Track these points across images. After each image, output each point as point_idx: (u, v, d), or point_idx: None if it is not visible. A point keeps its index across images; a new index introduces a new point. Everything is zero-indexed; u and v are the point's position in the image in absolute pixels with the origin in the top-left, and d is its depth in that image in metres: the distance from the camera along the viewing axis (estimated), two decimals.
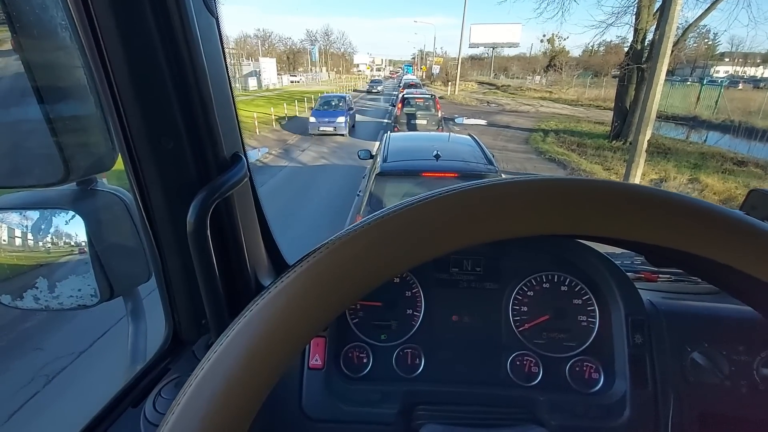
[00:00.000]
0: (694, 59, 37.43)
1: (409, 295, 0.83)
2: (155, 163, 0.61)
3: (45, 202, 0.73)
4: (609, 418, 0.72)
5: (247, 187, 0.78)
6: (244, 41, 71.60)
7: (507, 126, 17.53)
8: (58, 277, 0.74)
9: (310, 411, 0.74)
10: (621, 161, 10.74)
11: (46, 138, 0.58)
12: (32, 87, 0.55)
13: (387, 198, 3.66)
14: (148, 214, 0.66)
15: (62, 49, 0.57)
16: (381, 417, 0.73)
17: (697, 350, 0.74)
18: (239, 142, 0.74)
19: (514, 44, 62.69)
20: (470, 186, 0.32)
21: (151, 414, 0.61)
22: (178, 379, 0.66)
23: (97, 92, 0.56)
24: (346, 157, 10.84)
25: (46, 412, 2.82)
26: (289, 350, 0.29)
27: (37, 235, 0.73)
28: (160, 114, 0.58)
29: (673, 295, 0.93)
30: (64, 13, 0.51)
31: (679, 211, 0.31)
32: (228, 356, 0.28)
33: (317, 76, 70.43)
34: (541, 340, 0.80)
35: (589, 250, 0.80)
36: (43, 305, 0.73)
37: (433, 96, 13.04)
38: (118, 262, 0.73)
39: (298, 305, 0.29)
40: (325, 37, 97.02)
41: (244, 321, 0.29)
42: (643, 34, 12.88)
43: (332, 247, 0.31)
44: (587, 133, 15.60)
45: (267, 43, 78.01)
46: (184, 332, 0.77)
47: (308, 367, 0.76)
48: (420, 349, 0.81)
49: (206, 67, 0.58)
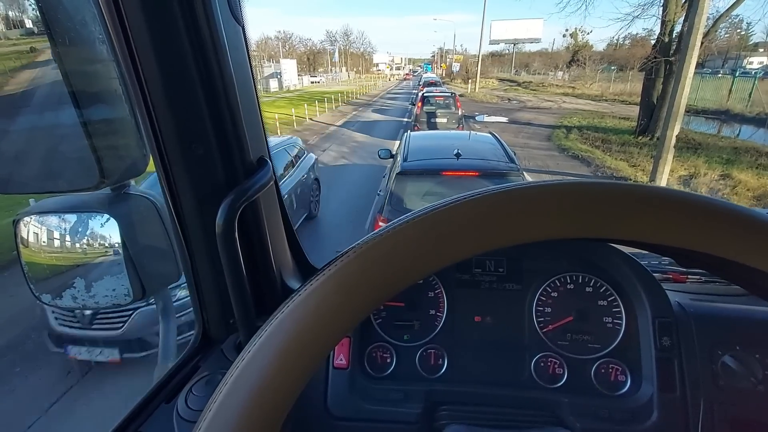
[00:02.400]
0: (726, 50, 36.02)
1: (431, 296, 0.83)
2: (186, 168, 0.63)
3: (81, 205, 0.76)
4: (635, 422, 0.71)
5: (272, 190, 0.79)
6: (265, 43, 72.59)
7: (528, 123, 17.24)
8: (94, 277, 0.77)
9: (334, 409, 0.75)
10: (648, 157, 10.42)
11: (83, 145, 0.61)
12: (71, 98, 0.58)
13: (408, 197, 3.65)
14: (179, 217, 0.68)
15: (99, 61, 0.59)
16: (404, 416, 0.74)
17: (728, 354, 0.72)
18: (265, 146, 0.76)
19: (535, 40, 61.61)
20: (498, 189, 0.32)
21: (183, 410, 0.63)
22: (209, 376, 0.68)
23: (131, 102, 0.58)
24: (367, 157, 10.88)
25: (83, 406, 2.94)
26: (320, 350, 0.30)
27: (75, 237, 0.76)
28: (191, 121, 0.60)
29: (703, 297, 0.91)
30: (101, 27, 0.54)
31: (709, 213, 0.31)
32: (260, 358, 0.29)
33: (337, 76, 70.81)
34: (566, 341, 0.79)
35: (615, 251, 0.79)
36: (80, 304, 0.77)
37: (453, 94, 12.94)
38: (149, 263, 0.76)
39: (327, 307, 0.30)
40: (345, 37, 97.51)
41: (277, 322, 0.30)
42: (671, 25, 12.45)
43: (359, 250, 0.31)
44: (612, 129, 15.20)
45: (288, 44, 78.89)
46: (213, 331, 0.79)
47: (333, 366, 0.77)
48: (443, 350, 0.81)
49: (233, 75, 0.60)
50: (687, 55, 6.72)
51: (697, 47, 6.73)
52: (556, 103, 25.96)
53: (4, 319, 3.85)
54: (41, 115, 0.68)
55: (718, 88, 19.58)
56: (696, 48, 6.71)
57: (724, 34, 28.38)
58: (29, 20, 1.33)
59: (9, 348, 3.53)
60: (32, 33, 1.21)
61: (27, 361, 3.40)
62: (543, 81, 50.94)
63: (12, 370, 3.28)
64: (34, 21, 1.11)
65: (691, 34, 6.64)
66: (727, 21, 16.18)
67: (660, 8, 13.04)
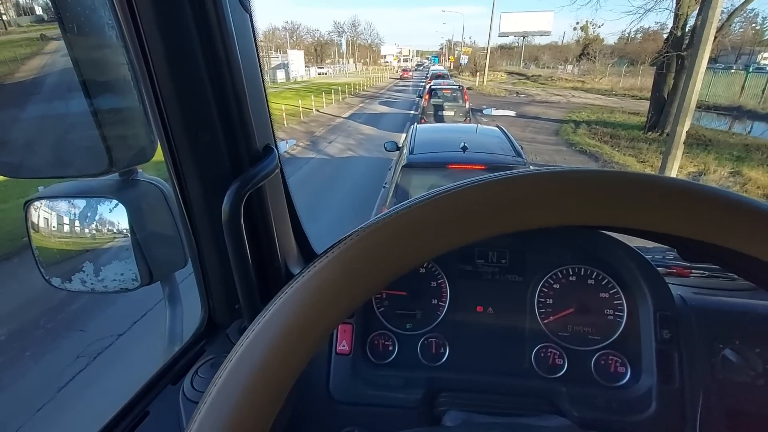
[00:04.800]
0: (740, 45, 35.32)
1: (434, 286, 0.84)
2: (193, 156, 0.64)
3: (90, 191, 0.78)
4: (633, 412, 0.72)
5: (278, 178, 0.80)
6: (272, 34, 72.35)
7: (536, 117, 17.10)
8: (102, 261, 0.79)
9: (336, 394, 0.76)
10: (657, 153, 10.31)
11: (92, 132, 0.62)
12: (80, 86, 0.58)
13: (413, 189, 3.65)
14: (186, 203, 0.69)
15: (108, 48, 0.60)
16: (404, 402, 0.75)
17: (728, 347, 0.72)
18: (271, 134, 0.76)
19: (545, 33, 60.91)
20: (502, 175, 0.33)
21: (189, 391, 0.65)
22: (214, 359, 0.70)
23: (140, 90, 0.59)
24: (373, 149, 10.86)
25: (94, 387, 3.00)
26: (321, 332, 0.31)
27: (84, 222, 0.78)
28: (198, 109, 0.61)
29: (706, 291, 0.91)
30: (111, 14, 0.54)
31: (716, 203, 0.31)
32: (263, 338, 0.30)
33: (344, 67, 70.49)
34: (566, 332, 0.80)
35: (618, 244, 0.79)
36: (89, 288, 0.78)
37: (460, 87, 12.83)
38: (157, 249, 0.77)
39: (327, 290, 0.31)
40: (353, 29, 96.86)
41: (278, 305, 0.31)
42: (684, 19, 12.24)
43: (362, 234, 0.32)
44: (621, 124, 15.04)
45: (295, 35, 78.56)
46: (218, 316, 0.81)
47: (336, 352, 0.78)
48: (444, 339, 0.82)
49: (240, 63, 0.61)
50: (700, 50, 6.60)
51: (710, 42, 6.61)
52: (565, 98, 25.69)
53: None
54: (51, 102, 0.69)
55: (731, 83, 19.24)
56: (709, 42, 6.59)
57: (738, 29, 27.85)
58: (39, 7, 1.34)
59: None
60: (42, 20, 1.22)
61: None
62: (552, 75, 50.39)
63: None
64: (44, 8, 1.12)
65: (705, 28, 6.52)
66: (741, 15, 15.87)
67: (673, 1, 12.84)
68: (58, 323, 3.72)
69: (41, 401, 2.89)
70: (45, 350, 3.45)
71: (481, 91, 28.63)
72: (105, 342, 3.47)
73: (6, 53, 0.97)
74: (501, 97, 25.54)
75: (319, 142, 12.51)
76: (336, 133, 13.88)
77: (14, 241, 5.09)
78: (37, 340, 3.55)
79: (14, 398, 3.00)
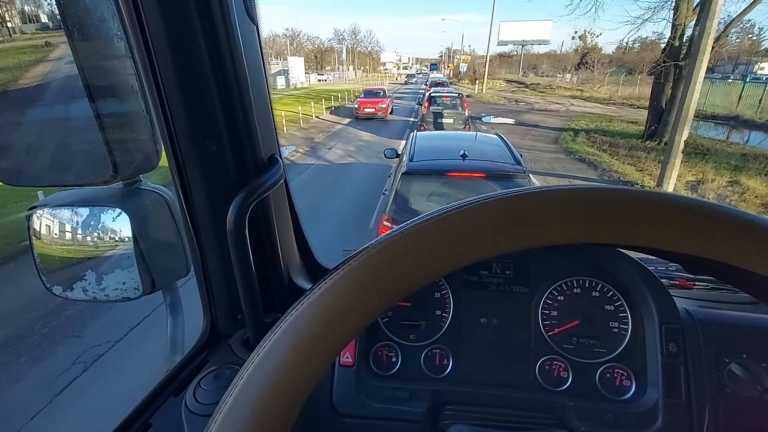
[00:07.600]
0: (737, 56, 35.63)
1: (438, 297, 0.84)
2: (198, 165, 0.64)
3: (94, 199, 0.77)
4: (639, 426, 0.71)
5: (283, 188, 0.80)
6: (273, 41, 72.77)
7: (536, 125, 17.18)
8: (104, 270, 0.78)
9: (339, 406, 0.75)
10: (655, 162, 10.36)
11: (97, 140, 0.62)
12: (86, 93, 0.58)
13: (413, 197, 3.66)
14: (191, 212, 0.69)
15: (116, 58, 0.60)
16: (409, 415, 0.74)
17: (735, 361, 0.72)
18: (276, 144, 0.76)
19: (544, 41, 61.35)
20: (507, 193, 0.33)
21: (191, 403, 0.64)
22: (217, 371, 0.69)
23: (145, 99, 0.59)
24: (372, 156, 10.89)
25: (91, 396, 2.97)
26: (332, 350, 0.30)
27: (86, 231, 0.77)
28: (205, 119, 0.61)
29: (710, 304, 0.90)
30: (119, 24, 0.54)
31: (717, 220, 0.31)
32: (274, 356, 0.30)
33: (344, 74, 70.84)
34: (571, 345, 0.79)
35: (622, 256, 0.78)
36: (91, 296, 0.77)
37: (460, 94, 12.91)
38: (159, 258, 0.77)
39: (339, 308, 0.30)
40: (353, 36, 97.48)
41: (290, 320, 0.31)
42: (682, 29, 12.35)
43: (372, 252, 0.32)
44: (620, 133, 15.12)
45: (295, 42, 79.01)
46: (221, 326, 0.80)
47: (339, 364, 0.78)
48: (448, 350, 0.81)
49: (247, 74, 0.61)
50: (697, 60, 6.67)
51: (707, 52, 6.68)
52: (563, 106, 25.83)
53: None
54: (54, 109, 0.69)
55: (728, 93, 19.42)
56: (706, 52, 6.66)
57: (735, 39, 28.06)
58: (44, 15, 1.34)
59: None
60: (47, 28, 1.23)
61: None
62: (551, 83, 50.68)
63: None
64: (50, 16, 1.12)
65: (702, 39, 6.58)
66: (738, 25, 16.02)
67: (671, 12, 12.96)
68: (53, 329, 3.70)
69: (35, 408, 2.86)
70: (40, 356, 3.41)
71: (480, 99, 28.78)
72: (101, 348, 3.45)
73: (10, 60, 0.97)
74: (500, 105, 25.68)
75: (319, 148, 12.53)
76: (335, 139, 13.92)
77: (11, 246, 5.07)
78: (32, 345, 3.52)
79: (7, 405, 2.97)
